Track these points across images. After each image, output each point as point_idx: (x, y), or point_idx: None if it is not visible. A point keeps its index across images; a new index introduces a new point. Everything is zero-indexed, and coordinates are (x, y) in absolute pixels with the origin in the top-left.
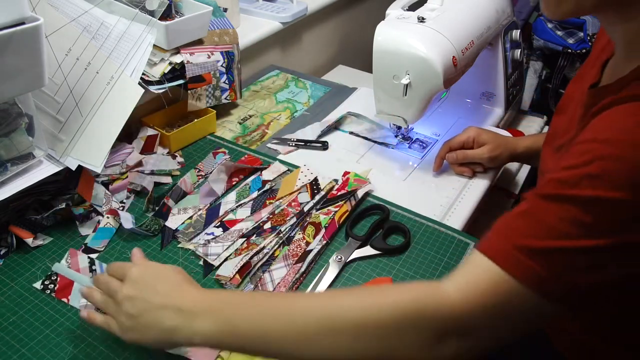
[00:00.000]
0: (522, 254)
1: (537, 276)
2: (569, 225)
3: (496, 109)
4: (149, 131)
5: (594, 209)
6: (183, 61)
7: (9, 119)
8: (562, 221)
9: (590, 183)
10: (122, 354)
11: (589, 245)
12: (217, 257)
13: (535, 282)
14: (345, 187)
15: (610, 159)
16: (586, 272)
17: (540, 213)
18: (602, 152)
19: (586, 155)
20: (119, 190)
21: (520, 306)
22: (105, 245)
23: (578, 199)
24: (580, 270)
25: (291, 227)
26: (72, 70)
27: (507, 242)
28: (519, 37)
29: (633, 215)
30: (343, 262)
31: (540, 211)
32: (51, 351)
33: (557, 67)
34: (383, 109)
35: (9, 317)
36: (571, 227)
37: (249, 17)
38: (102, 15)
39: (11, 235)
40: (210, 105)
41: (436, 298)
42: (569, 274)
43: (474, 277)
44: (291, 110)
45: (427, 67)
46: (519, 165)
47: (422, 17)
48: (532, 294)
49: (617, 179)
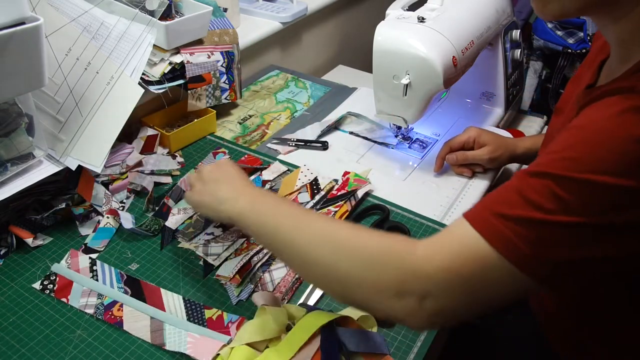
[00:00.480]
0: (496, 219)
1: (508, 241)
2: (545, 199)
3: (496, 109)
4: (149, 131)
5: (568, 187)
6: (183, 61)
7: (9, 119)
8: (539, 195)
9: (564, 165)
10: (122, 354)
11: (562, 221)
12: (217, 257)
13: (505, 248)
14: (345, 187)
15: (582, 144)
16: (558, 247)
17: (521, 186)
18: (577, 138)
19: (566, 141)
20: (119, 190)
21: (487, 272)
22: (105, 245)
23: (555, 177)
24: (553, 245)
25: None
26: (72, 70)
27: (484, 209)
28: (519, 37)
29: (607, 197)
30: None
31: (521, 184)
32: (51, 351)
33: (557, 67)
34: (383, 109)
35: (9, 317)
36: (547, 201)
37: (249, 17)
38: (102, 15)
39: (11, 235)
40: (210, 105)
41: (406, 250)
42: (541, 246)
43: (444, 238)
44: (291, 110)
45: (427, 67)
46: (519, 165)
47: (422, 17)
48: (500, 260)
49: (588, 163)
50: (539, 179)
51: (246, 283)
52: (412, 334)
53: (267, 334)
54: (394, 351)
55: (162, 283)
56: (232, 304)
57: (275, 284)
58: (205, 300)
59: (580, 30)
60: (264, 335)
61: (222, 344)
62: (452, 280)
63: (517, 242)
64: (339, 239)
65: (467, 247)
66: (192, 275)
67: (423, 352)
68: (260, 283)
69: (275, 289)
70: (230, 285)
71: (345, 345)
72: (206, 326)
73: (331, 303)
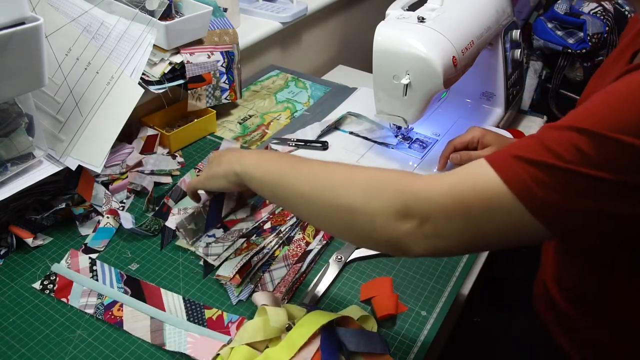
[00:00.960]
0: (513, 160)
1: (522, 182)
2: (566, 151)
3: (496, 109)
4: (149, 131)
5: (593, 142)
6: (183, 61)
7: (9, 119)
8: (561, 146)
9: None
10: (122, 354)
11: (582, 171)
12: (217, 257)
13: (519, 188)
14: None
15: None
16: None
17: (543, 136)
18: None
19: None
20: (119, 190)
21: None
22: (105, 245)
23: (580, 130)
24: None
25: (291, 227)
26: (72, 70)
27: (504, 152)
28: (519, 37)
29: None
30: (343, 262)
31: (544, 135)
32: (51, 351)
33: (557, 67)
34: (383, 109)
35: (9, 317)
36: (567, 153)
37: (249, 17)
38: (102, 15)
39: (11, 235)
40: (210, 105)
41: (409, 177)
42: (556, 192)
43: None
44: (291, 110)
45: (427, 67)
46: None
47: (422, 17)
48: (512, 199)
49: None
50: (562, 131)
51: (246, 283)
52: (412, 334)
53: (267, 334)
54: (394, 351)
55: (162, 283)
56: (232, 304)
57: (275, 284)
58: (205, 300)
59: (580, 30)
60: (264, 335)
61: (222, 344)
62: (453, 205)
63: (532, 184)
64: (339, 173)
65: (476, 178)
66: (192, 276)
67: (423, 352)
68: (260, 283)
69: (275, 289)
70: (230, 285)
71: (345, 345)
72: (206, 326)
73: (331, 303)
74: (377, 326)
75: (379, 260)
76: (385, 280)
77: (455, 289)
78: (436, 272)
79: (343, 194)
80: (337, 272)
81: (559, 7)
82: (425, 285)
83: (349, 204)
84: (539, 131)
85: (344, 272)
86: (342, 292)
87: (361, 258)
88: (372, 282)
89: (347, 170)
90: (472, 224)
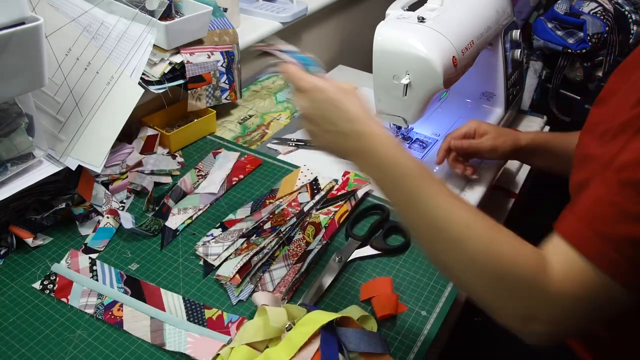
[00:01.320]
0: (602, 242)
1: (620, 268)
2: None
3: (496, 109)
4: (149, 131)
5: None
6: (183, 61)
7: (9, 119)
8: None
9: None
10: (122, 354)
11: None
12: (217, 257)
13: (619, 275)
14: (345, 187)
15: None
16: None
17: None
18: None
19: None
20: (119, 190)
21: (611, 298)
22: (105, 245)
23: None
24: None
25: (291, 227)
26: (72, 70)
27: (586, 227)
28: (519, 37)
29: None
30: (343, 262)
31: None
32: (51, 351)
33: (557, 67)
34: (383, 109)
35: (9, 317)
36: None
37: (249, 17)
38: (102, 15)
39: (11, 235)
40: (210, 105)
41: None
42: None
43: (566, 267)
44: (291, 110)
45: (427, 67)
46: (519, 165)
47: (422, 17)
48: (616, 286)
49: None
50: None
51: (246, 283)
52: (412, 334)
53: (267, 334)
54: (394, 351)
55: (162, 283)
56: (232, 304)
57: (275, 284)
58: (205, 300)
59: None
60: (264, 335)
61: (222, 344)
62: (581, 308)
63: (627, 266)
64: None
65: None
66: (192, 276)
67: (423, 352)
68: (260, 283)
69: (275, 289)
70: (230, 285)
71: (345, 345)
72: (206, 326)
73: (331, 303)
74: (377, 326)
75: (379, 260)
76: (385, 280)
77: (455, 289)
78: (436, 272)
79: (471, 283)
80: (337, 272)
81: (559, 7)
82: (425, 285)
83: (479, 296)
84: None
85: (344, 272)
86: (342, 292)
87: (361, 258)
88: (372, 282)
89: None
90: (596, 316)
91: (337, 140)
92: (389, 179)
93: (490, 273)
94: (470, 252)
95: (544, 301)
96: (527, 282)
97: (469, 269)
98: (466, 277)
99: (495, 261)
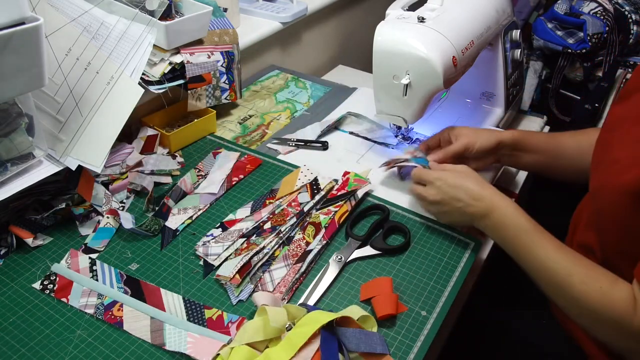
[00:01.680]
0: None
1: None
2: None
3: (496, 109)
4: (149, 131)
5: None
6: (183, 61)
7: (9, 119)
8: None
9: None
10: (122, 354)
11: None
12: (217, 257)
13: None
14: (345, 187)
15: None
16: None
17: None
18: None
19: None
20: (119, 190)
21: None
22: (105, 245)
23: None
24: None
25: (291, 227)
26: (72, 70)
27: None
28: (519, 37)
29: None
30: (343, 262)
31: None
32: (51, 351)
33: (557, 67)
34: (383, 109)
35: (9, 317)
36: None
37: (249, 17)
38: (102, 15)
39: (11, 235)
40: (210, 105)
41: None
42: None
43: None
44: (291, 110)
45: (427, 67)
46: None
47: (422, 17)
48: None
49: None
50: None
51: (246, 283)
52: (412, 334)
53: (267, 334)
54: (394, 351)
55: (162, 283)
56: (232, 304)
57: (275, 284)
58: (205, 300)
59: (580, 30)
60: (264, 335)
61: (222, 344)
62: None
63: None
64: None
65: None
66: (192, 276)
67: (423, 352)
68: (260, 283)
69: (275, 289)
70: (230, 285)
71: (345, 345)
72: (206, 326)
73: (331, 303)
74: (377, 326)
75: (379, 261)
76: (385, 280)
77: (455, 289)
78: (436, 272)
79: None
80: (337, 272)
81: (559, 7)
82: (425, 285)
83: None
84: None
85: (344, 272)
86: (342, 292)
87: (361, 258)
88: (372, 282)
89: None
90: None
91: (465, 212)
92: (509, 236)
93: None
94: (569, 296)
95: (635, 337)
96: (618, 322)
97: (572, 306)
98: (572, 313)
99: (591, 305)
